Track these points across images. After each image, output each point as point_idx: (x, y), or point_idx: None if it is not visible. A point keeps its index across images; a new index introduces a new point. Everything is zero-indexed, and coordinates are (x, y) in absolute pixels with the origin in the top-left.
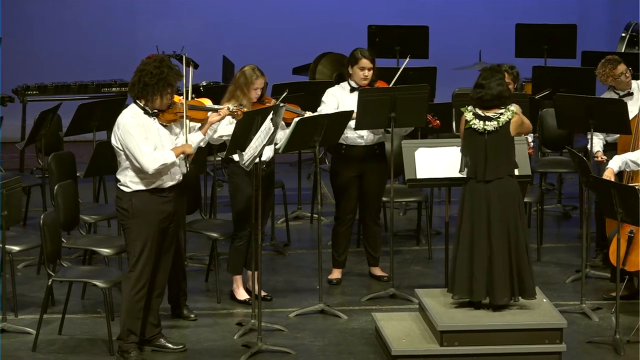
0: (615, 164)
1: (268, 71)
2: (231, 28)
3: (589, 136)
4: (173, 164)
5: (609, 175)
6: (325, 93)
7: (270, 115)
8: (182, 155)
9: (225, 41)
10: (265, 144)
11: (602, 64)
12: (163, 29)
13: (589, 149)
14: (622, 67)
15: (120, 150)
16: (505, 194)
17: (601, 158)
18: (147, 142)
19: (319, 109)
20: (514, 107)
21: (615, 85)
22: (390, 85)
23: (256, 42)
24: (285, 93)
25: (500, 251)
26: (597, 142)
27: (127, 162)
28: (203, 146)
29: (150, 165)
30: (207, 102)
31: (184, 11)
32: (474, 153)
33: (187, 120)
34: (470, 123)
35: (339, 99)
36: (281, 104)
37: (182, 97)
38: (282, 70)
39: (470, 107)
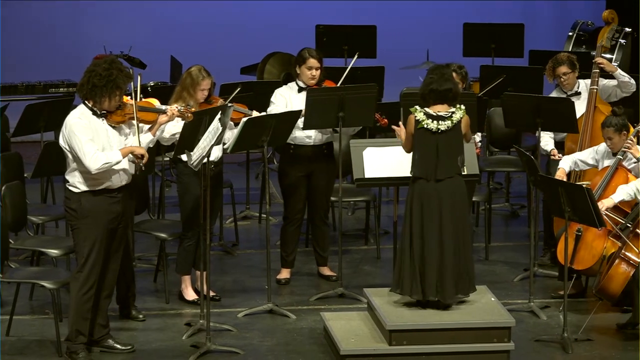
0: (566, 164)
1: (216, 71)
2: (179, 28)
3: (537, 135)
4: (119, 165)
5: (561, 175)
6: (274, 93)
7: (219, 116)
8: (131, 156)
9: (172, 41)
10: (213, 144)
11: (550, 61)
12: (110, 29)
13: (540, 147)
14: (563, 69)
15: (68, 150)
16: (456, 193)
17: (557, 156)
18: (92, 143)
19: (268, 110)
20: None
21: (559, 83)
22: (338, 85)
23: (204, 42)
24: (238, 90)
25: (450, 250)
26: (549, 141)
27: (75, 163)
28: (151, 146)
29: (93, 164)
30: (155, 103)
31: (131, 11)
32: (425, 153)
33: (137, 122)
34: (423, 123)
35: (287, 99)
36: (229, 104)
37: (131, 98)
38: (230, 70)
39: (418, 107)
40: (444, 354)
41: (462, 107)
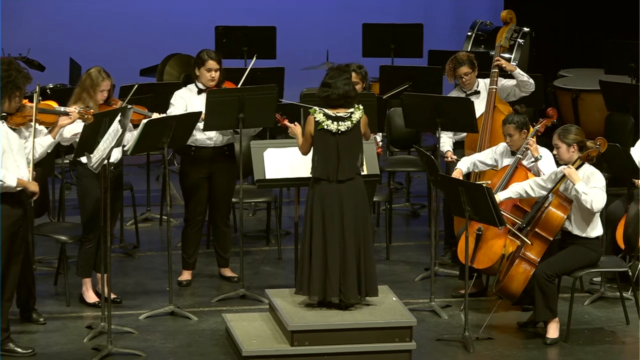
0: (464, 165)
1: (115, 73)
2: (78, 29)
3: (437, 135)
4: (8, 188)
5: (457, 175)
6: (174, 95)
7: (118, 117)
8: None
9: (72, 43)
10: (113, 146)
11: (449, 61)
12: (7, 30)
13: (438, 147)
14: (464, 69)
15: None
16: (357, 194)
17: (451, 158)
18: None
19: (167, 112)
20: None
21: (459, 84)
22: (239, 86)
23: (103, 44)
24: (135, 88)
25: (352, 251)
26: (447, 142)
27: None
28: (49, 151)
29: None
30: (54, 105)
31: (29, 12)
32: (326, 154)
33: (37, 124)
34: (324, 124)
35: (187, 100)
36: (129, 106)
37: (30, 100)
38: (130, 72)
39: (317, 109)
40: (345, 354)
41: (361, 106)
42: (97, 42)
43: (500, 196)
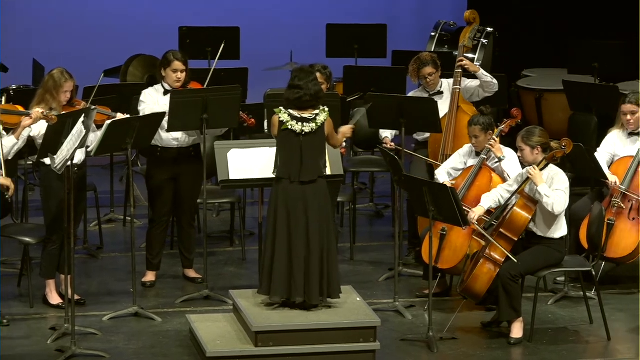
0: (444, 176)
1: (79, 74)
2: (41, 30)
3: (401, 135)
4: None
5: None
6: (142, 93)
7: (82, 118)
8: None
9: (35, 44)
10: (77, 147)
11: (412, 62)
12: None
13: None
14: (428, 70)
15: None
16: (320, 195)
17: (390, 145)
18: None
19: (139, 109)
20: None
21: (423, 84)
22: (204, 87)
23: (66, 45)
24: (96, 88)
25: (316, 252)
26: (387, 130)
27: None
28: (13, 151)
29: None
30: (17, 106)
31: None
32: (289, 154)
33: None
34: (288, 125)
35: (155, 100)
36: (92, 107)
37: None
38: (93, 73)
39: (283, 109)
40: (310, 355)
41: (326, 109)
42: (60, 42)
43: (484, 206)
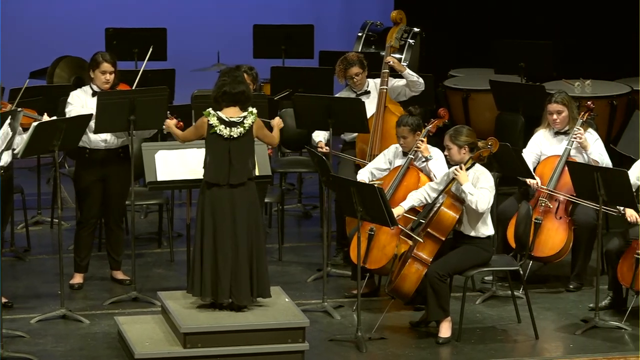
0: (364, 177)
1: (4, 76)
2: None
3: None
4: None
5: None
6: (70, 95)
7: (8, 120)
8: None
9: None
10: (3, 149)
11: (339, 62)
12: None
13: (312, 139)
14: (355, 70)
15: None
16: (249, 198)
17: (325, 149)
18: None
19: (66, 111)
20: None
21: (350, 84)
22: (133, 88)
23: None
24: (23, 90)
25: (244, 253)
26: (320, 133)
27: None
28: None
29: None
30: None
31: None
32: (217, 158)
33: None
34: (216, 129)
35: (83, 102)
36: (18, 109)
37: None
38: (19, 75)
39: (212, 111)
40: (239, 356)
41: (254, 111)
42: None
43: (404, 206)
